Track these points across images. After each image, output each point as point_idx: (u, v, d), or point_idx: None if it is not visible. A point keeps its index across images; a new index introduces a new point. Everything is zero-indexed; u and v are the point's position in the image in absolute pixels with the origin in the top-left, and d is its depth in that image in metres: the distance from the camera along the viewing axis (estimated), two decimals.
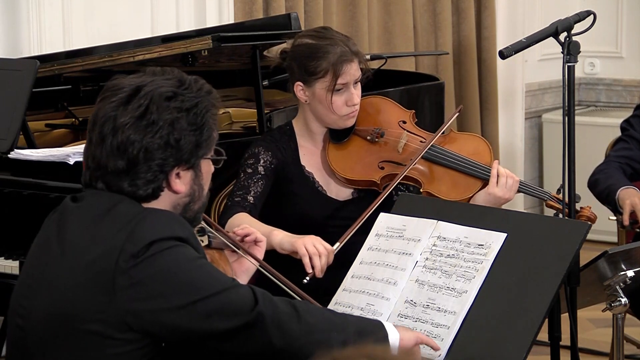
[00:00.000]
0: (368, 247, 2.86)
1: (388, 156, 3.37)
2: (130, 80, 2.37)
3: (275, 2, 5.00)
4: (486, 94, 6.18)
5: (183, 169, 2.36)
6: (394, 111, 3.47)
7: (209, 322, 2.27)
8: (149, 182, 2.34)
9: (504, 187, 3.28)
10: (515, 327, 2.53)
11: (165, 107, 2.32)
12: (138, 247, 2.25)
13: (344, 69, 3.25)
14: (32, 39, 4.33)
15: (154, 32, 4.63)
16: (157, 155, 2.32)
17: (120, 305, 2.25)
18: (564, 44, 3.09)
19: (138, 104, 2.32)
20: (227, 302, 2.29)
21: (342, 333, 2.37)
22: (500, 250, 2.65)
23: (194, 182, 2.39)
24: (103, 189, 2.35)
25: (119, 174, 2.33)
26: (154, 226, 2.29)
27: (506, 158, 6.37)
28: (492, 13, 6.14)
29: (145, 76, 2.38)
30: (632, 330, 4.18)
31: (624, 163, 3.88)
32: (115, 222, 2.30)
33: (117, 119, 2.32)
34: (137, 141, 2.31)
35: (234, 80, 4.31)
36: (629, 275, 2.91)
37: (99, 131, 2.34)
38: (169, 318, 2.26)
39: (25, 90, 3.45)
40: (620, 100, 6.86)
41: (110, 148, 2.32)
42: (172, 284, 2.26)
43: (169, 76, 2.38)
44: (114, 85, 2.38)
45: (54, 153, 3.37)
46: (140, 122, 2.31)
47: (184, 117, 2.34)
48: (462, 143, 3.42)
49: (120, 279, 2.24)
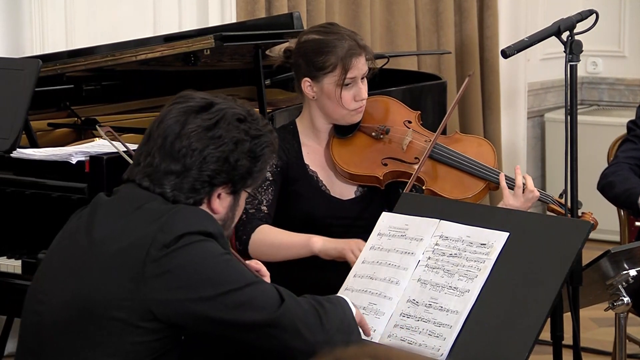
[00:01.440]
0: (370, 247, 2.86)
1: (392, 153, 3.37)
2: (203, 94, 2.47)
3: (277, 2, 5.00)
4: (488, 93, 6.18)
5: (227, 191, 2.44)
6: (400, 111, 3.47)
7: (234, 313, 2.33)
8: (194, 190, 2.40)
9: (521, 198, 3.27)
10: (518, 326, 2.53)
11: (235, 127, 2.41)
12: (170, 237, 2.31)
13: (352, 63, 3.25)
14: (35, 39, 4.33)
15: (157, 31, 4.63)
16: (212, 166, 2.39)
17: (148, 293, 2.30)
18: (567, 43, 3.08)
19: (209, 117, 2.41)
20: (253, 295, 2.35)
21: (345, 323, 2.46)
22: (503, 250, 2.65)
23: (230, 208, 2.47)
24: (147, 187, 2.40)
25: (169, 174, 2.39)
26: (186, 219, 2.35)
27: (509, 157, 6.37)
28: (494, 12, 6.14)
29: (218, 97, 2.48)
30: (635, 330, 4.17)
31: (634, 164, 3.86)
32: (147, 215, 2.36)
33: (185, 125, 2.40)
34: (199, 149, 2.38)
35: (236, 79, 4.31)
36: (632, 274, 2.90)
37: (163, 131, 2.40)
38: (196, 308, 2.31)
39: (27, 89, 3.45)
40: (622, 99, 6.85)
41: (170, 149, 2.39)
42: (200, 275, 2.32)
43: (240, 104, 2.48)
44: (187, 94, 2.47)
45: (57, 152, 3.37)
46: (207, 133, 2.39)
47: (248, 142, 2.42)
48: (466, 144, 3.43)
49: (150, 267, 2.30)
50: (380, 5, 5.62)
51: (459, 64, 6.07)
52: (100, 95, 4.12)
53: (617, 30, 6.76)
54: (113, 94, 4.14)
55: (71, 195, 3.27)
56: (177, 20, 4.77)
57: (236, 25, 4.64)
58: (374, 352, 1.43)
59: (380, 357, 1.42)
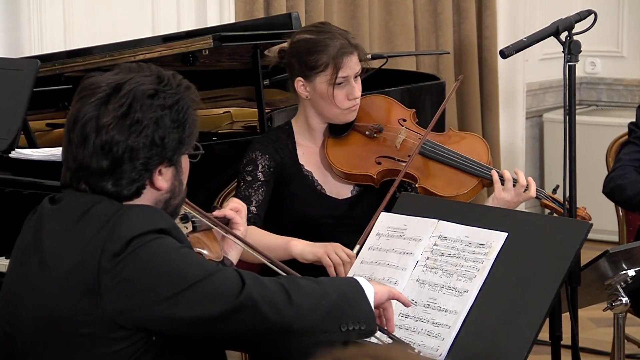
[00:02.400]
0: (369, 247, 2.87)
1: (385, 151, 3.38)
2: (107, 78, 2.33)
3: (276, 2, 5.00)
4: (487, 93, 6.18)
5: (165, 166, 2.35)
6: (394, 109, 3.47)
7: (198, 308, 2.26)
8: (133, 181, 2.32)
9: (511, 191, 3.27)
10: (516, 326, 2.53)
11: (149, 106, 2.30)
12: (119, 245, 2.24)
13: (344, 62, 3.25)
14: (33, 39, 4.33)
15: (155, 31, 4.63)
16: (142, 154, 2.30)
17: (108, 305, 2.24)
18: (565, 44, 3.08)
19: (120, 103, 2.29)
20: (214, 287, 2.28)
21: (328, 300, 2.36)
22: (501, 250, 2.65)
23: (174, 178, 2.39)
24: (85, 190, 2.33)
25: (102, 174, 2.31)
26: (132, 222, 2.27)
27: (507, 157, 6.37)
28: (492, 12, 6.14)
29: (122, 73, 2.35)
30: (633, 330, 4.17)
31: (638, 166, 3.85)
32: (94, 223, 2.29)
33: (100, 119, 2.29)
34: (122, 141, 2.29)
35: (234, 79, 4.31)
36: (630, 274, 2.90)
37: (81, 131, 2.30)
38: (159, 310, 2.24)
39: (26, 89, 3.45)
40: (621, 99, 6.86)
41: (94, 148, 2.29)
42: (156, 276, 2.25)
43: (146, 72, 2.35)
44: (90, 83, 2.34)
45: (55, 153, 3.36)
46: (124, 121, 2.29)
47: (167, 115, 2.32)
48: (459, 141, 3.43)
49: (104, 279, 2.23)
50: (379, 6, 5.62)
51: (458, 64, 6.07)
52: None
53: (616, 30, 6.76)
54: None
55: None
56: (175, 21, 4.77)
57: (235, 25, 4.64)
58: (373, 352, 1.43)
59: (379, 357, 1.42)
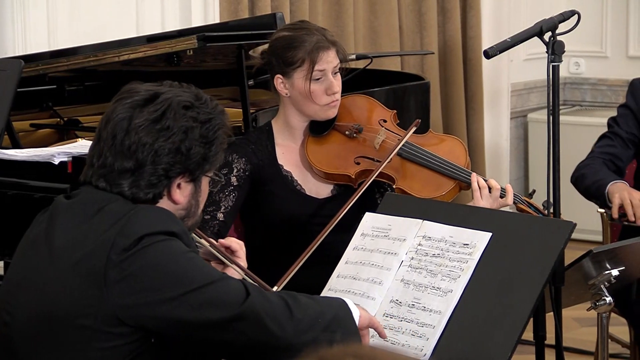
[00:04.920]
0: (353, 247, 2.87)
1: (364, 152, 3.38)
2: (147, 86, 2.42)
3: (260, 2, 5.00)
4: (472, 93, 6.19)
5: (186, 180, 2.40)
6: (375, 110, 3.48)
7: (200, 312, 2.28)
8: (151, 185, 2.36)
9: (488, 199, 3.28)
10: (500, 326, 2.53)
11: (182, 115, 2.37)
12: (129, 240, 2.27)
13: (320, 57, 3.26)
14: (17, 39, 4.32)
15: (139, 31, 4.62)
16: (165, 159, 2.35)
17: (112, 299, 2.26)
18: (549, 44, 3.09)
19: (155, 109, 2.36)
20: (218, 293, 2.30)
21: (324, 319, 2.39)
22: (486, 250, 2.66)
23: (192, 196, 2.43)
24: (104, 188, 2.37)
25: (123, 173, 2.35)
26: (145, 221, 2.31)
27: (491, 157, 6.39)
28: (477, 13, 6.15)
29: (163, 86, 2.43)
30: (617, 329, 4.19)
31: (608, 160, 3.90)
32: (107, 219, 2.32)
33: (132, 120, 2.35)
34: (149, 144, 2.34)
35: (219, 80, 4.31)
36: (614, 274, 2.91)
37: (111, 130, 2.36)
38: (161, 310, 2.27)
39: (9, 90, 3.44)
40: (605, 99, 6.88)
41: (121, 147, 2.35)
42: (162, 276, 2.28)
43: (186, 89, 2.43)
44: (130, 88, 2.42)
45: (39, 153, 3.36)
46: (155, 125, 2.35)
47: (197, 128, 2.38)
48: (438, 143, 3.43)
49: (111, 272, 2.26)
50: (364, 6, 5.62)
51: (442, 65, 6.08)
52: (82, 96, 4.11)
53: (600, 30, 6.78)
54: (96, 94, 4.13)
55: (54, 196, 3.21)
56: (160, 21, 4.77)
57: (219, 25, 4.63)
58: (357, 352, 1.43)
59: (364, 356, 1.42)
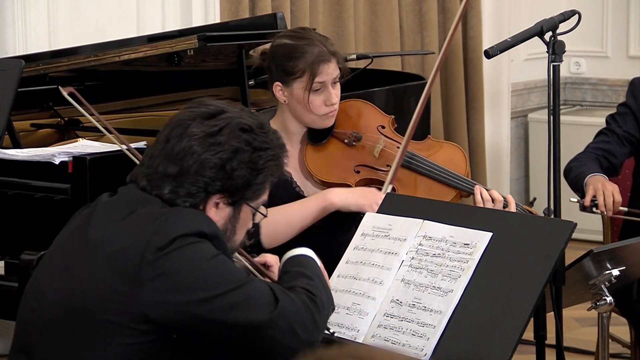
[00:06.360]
0: (354, 247, 2.87)
1: (364, 160, 3.37)
2: (218, 103, 2.48)
3: (261, 2, 5.00)
4: (472, 93, 6.19)
5: (225, 201, 2.43)
6: (373, 116, 3.47)
7: (231, 314, 2.34)
8: (189, 194, 2.40)
9: None
10: (501, 326, 2.53)
11: (237, 136, 2.41)
12: (164, 240, 2.32)
13: (321, 69, 3.25)
14: (18, 39, 4.32)
15: (140, 31, 4.62)
16: (208, 172, 2.39)
17: (143, 296, 2.31)
18: (549, 44, 3.09)
19: (214, 123, 2.41)
20: (248, 296, 2.36)
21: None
22: (486, 250, 2.66)
23: (229, 220, 2.46)
24: (144, 188, 2.41)
25: (166, 177, 2.40)
26: (180, 221, 2.35)
27: (492, 157, 6.38)
28: (477, 13, 6.14)
29: (233, 106, 2.49)
30: (618, 329, 4.19)
31: (601, 155, 3.91)
32: (143, 217, 2.37)
33: (189, 128, 2.40)
34: (197, 153, 2.38)
35: (219, 80, 4.30)
36: (614, 274, 2.91)
37: (167, 134, 2.42)
38: (191, 310, 2.32)
39: (10, 89, 3.44)
40: (605, 99, 6.87)
41: (170, 151, 2.40)
42: (194, 277, 2.33)
43: (253, 116, 2.48)
44: (202, 101, 2.50)
45: (39, 153, 3.36)
46: (209, 138, 2.39)
47: (248, 152, 2.41)
48: (438, 151, 3.42)
49: (145, 270, 2.31)
50: (364, 6, 5.62)
51: (443, 65, 6.06)
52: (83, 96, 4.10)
53: (600, 30, 6.77)
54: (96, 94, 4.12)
55: (54, 196, 3.26)
56: (160, 21, 4.76)
57: (220, 25, 4.63)
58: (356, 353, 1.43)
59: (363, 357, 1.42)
